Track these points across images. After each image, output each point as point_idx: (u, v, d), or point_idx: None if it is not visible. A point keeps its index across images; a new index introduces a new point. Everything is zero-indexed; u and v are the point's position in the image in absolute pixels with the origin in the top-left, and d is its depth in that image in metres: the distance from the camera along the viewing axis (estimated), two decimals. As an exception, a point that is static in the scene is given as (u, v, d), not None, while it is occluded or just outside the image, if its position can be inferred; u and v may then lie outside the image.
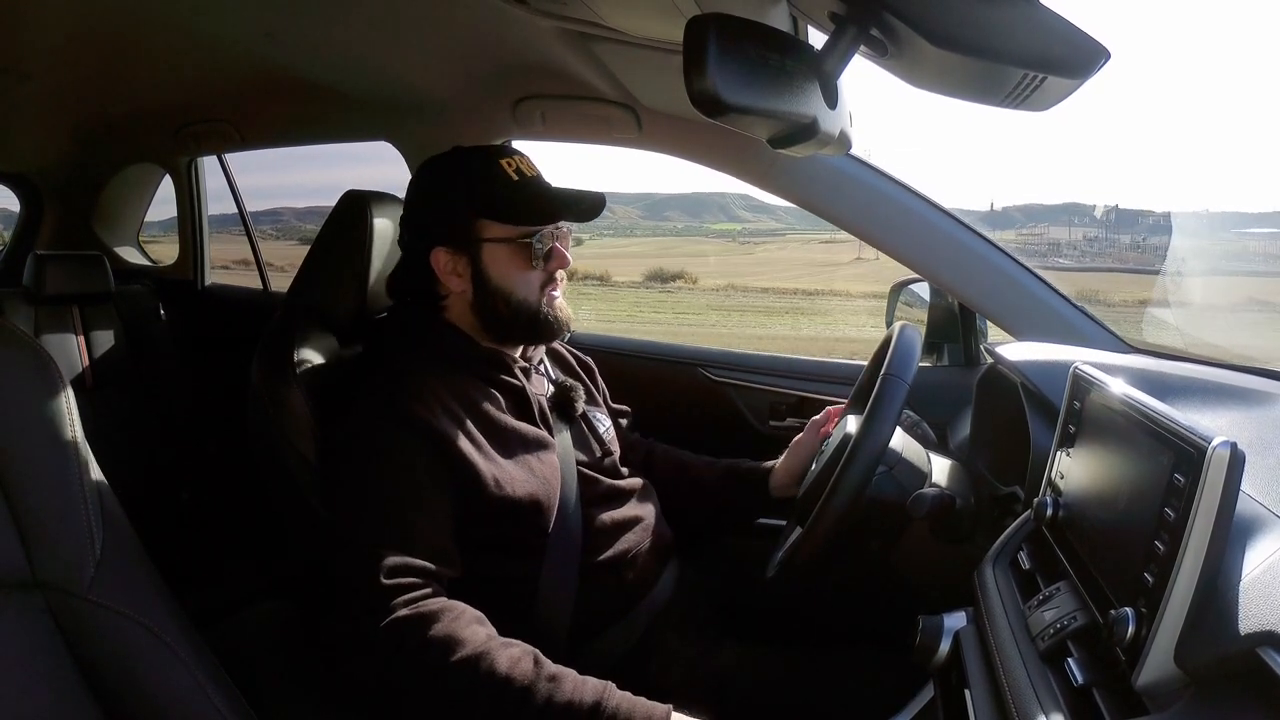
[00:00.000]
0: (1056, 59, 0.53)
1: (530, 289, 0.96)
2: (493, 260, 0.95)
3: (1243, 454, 0.47)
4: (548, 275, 0.97)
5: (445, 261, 0.95)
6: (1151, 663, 0.48)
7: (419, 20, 1.15)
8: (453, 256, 0.95)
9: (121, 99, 1.86)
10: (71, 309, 1.87)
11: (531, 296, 0.96)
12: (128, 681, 0.65)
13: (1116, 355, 1.05)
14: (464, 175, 0.96)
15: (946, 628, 0.73)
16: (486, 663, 0.74)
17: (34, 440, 0.65)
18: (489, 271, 0.95)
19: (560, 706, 0.74)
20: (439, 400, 0.88)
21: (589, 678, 0.77)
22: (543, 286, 0.96)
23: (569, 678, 0.76)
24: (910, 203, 1.21)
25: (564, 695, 0.74)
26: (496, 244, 0.94)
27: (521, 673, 0.75)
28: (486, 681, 0.74)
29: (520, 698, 0.74)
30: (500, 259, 0.95)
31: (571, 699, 0.74)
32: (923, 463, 0.96)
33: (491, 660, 0.75)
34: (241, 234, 2.33)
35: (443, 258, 0.95)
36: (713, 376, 1.48)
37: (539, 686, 0.74)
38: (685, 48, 0.53)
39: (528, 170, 0.97)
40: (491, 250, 0.95)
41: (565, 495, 0.94)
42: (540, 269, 0.96)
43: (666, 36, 0.93)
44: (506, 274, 0.95)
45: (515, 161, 0.96)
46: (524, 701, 0.74)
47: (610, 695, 0.76)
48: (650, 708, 0.76)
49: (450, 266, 0.95)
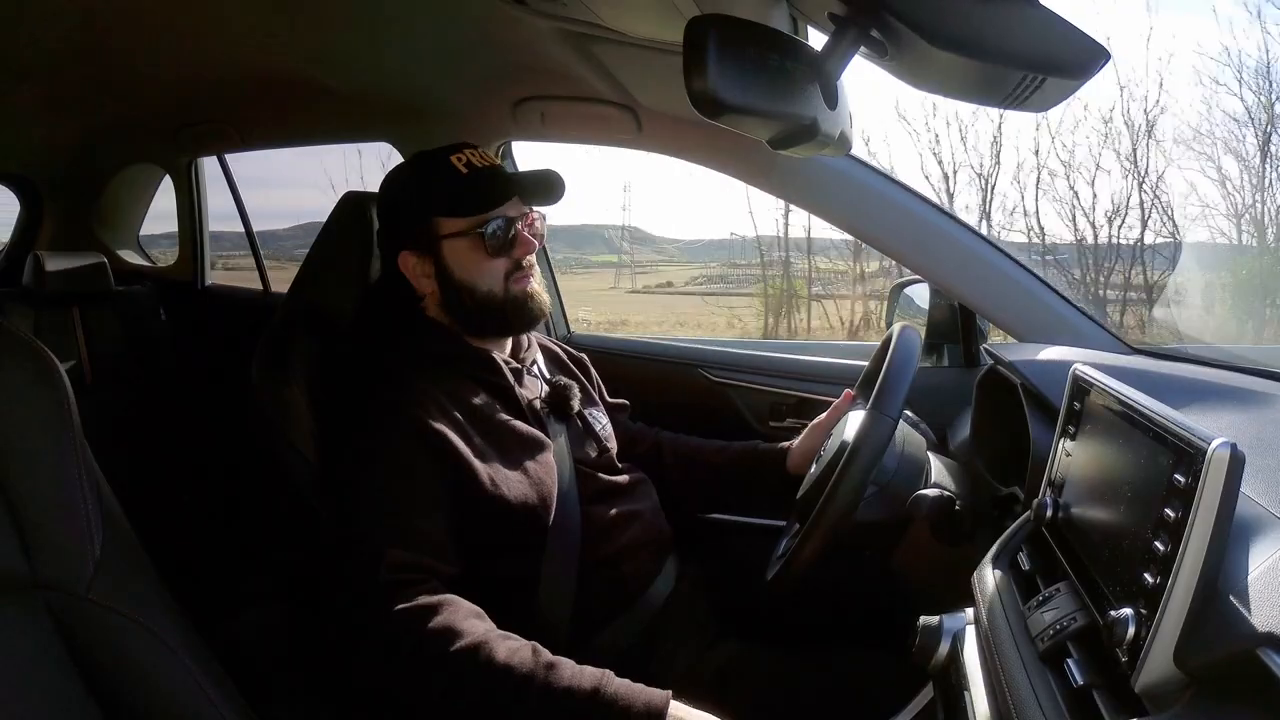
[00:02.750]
0: (1056, 60, 0.53)
1: (494, 279, 0.96)
2: (453, 255, 0.96)
3: (1243, 455, 0.47)
4: (512, 263, 0.97)
5: (413, 264, 0.97)
6: (1151, 664, 0.48)
7: (419, 20, 1.15)
8: (418, 258, 0.97)
9: (121, 99, 1.86)
10: (71, 309, 1.87)
11: (496, 286, 0.96)
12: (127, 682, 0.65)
13: (1116, 356, 1.05)
14: (417, 178, 0.98)
15: (946, 628, 0.73)
16: (485, 653, 0.75)
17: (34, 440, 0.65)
18: (451, 267, 0.96)
19: (559, 693, 0.74)
20: (433, 400, 0.89)
21: (587, 666, 0.77)
22: (508, 275, 0.96)
23: (566, 665, 0.76)
24: (910, 203, 1.21)
25: (562, 682, 0.75)
26: (454, 239, 0.95)
27: (520, 661, 0.75)
28: (485, 671, 0.74)
29: (519, 686, 0.74)
30: (460, 253, 0.96)
31: (570, 685, 0.74)
32: (922, 463, 0.96)
33: (490, 650, 0.75)
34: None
35: (410, 261, 0.97)
36: (712, 377, 1.48)
37: (537, 674, 0.75)
38: (685, 48, 0.53)
39: (479, 161, 0.97)
40: (450, 246, 0.96)
41: (564, 494, 0.95)
42: (503, 257, 0.96)
43: (666, 37, 0.93)
44: (468, 267, 0.96)
45: (466, 155, 0.97)
46: (522, 689, 0.74)
47: (609, 681, 0.76)
48: (650, 694, 0.76)
49: (418, 269, 0.97)
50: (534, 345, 1.08)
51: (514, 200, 0.98)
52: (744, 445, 1.17)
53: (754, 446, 1.16)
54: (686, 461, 1.17)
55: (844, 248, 6.64)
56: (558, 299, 1.70)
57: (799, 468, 1.10)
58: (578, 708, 0.74)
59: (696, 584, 1.07)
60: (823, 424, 1.10)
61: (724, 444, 1.19)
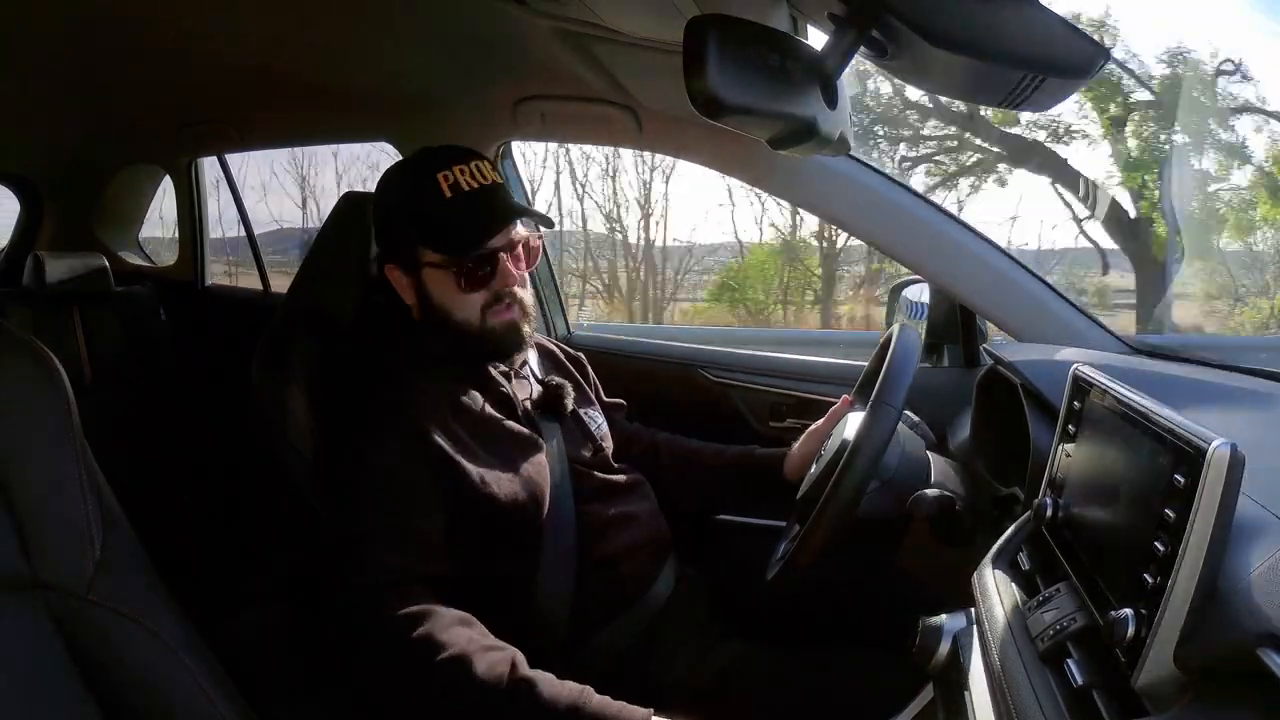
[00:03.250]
0: (1056, 60, 0.53)
1: (469, 311, 0.94)
2: (432, 283, 0.95)
3: (1243, 455, 0.47)
4: (491, 295, 0.94)
5: (398, 278, 0.97)
6: (1151, 664, 0.48)
7: (419, 20, 1.15)
8: (402, 274, 0.96)
9: (121, 99, 1.86)
10: (71, 309, 1.87)
11: (471, 318, 0.94)
12: (127, 682, 0.65)
13: (1116, 356, 1.05)
14: (402, 196, 0.95)
15: (946, 629, 0.73)
16: (464, 666, 0.76)
17: (34, 440, 0.65)
18: (430, 292, 0.95)
19: (538, 711, 0.75)
20: (425, 400, 0.90)
21: (568, 682, 0.78)
22: (485, 308, 0.94)
23: (545, 682, 0.77)
24: (910, 204, 1.21)
25: (540, 700, 0.75)
26: (434, 268, 0.94)
27: (496, 676, 0.76)
28: (464, 684, 0.75)
29: (498, 703, 0.75)
30: (439, 282, 0.94)
31: (547, 702, 0.75)
32: (923, 463, 0.96)
33: (470, 663, 0.76)
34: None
35: (395, 273, 0.97)
36: (712, 377, 1.48)
37: (518, 693, 0.75)
38: (685, 48, 0.53)
39: (466, 183, 0.92)
40: (430, 274, 0.95)
41: (558, 493, 0.95)
42: (480, 290, 0.93)
43: (666, 37, 0.93)
44: (445, 297, 0.94)
45: (454, 174, 0.91)
46: (500, 706, 0.75)
47: (588, 699, 0.76)
48: (630, 711, 0.76)
49: (402, 282, 0.97)
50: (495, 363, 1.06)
51: (503, 231, 0.94)
52: (741, 449, 1.17)
53: (751, 451, 1.16)
54: (684, 463, 1.16)
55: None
56: (558, 299, 1.70)
57: (796, 472, 1.09)
58: None
59: (696, 585, 1.07)
60: (820, 430, 1.10)
61: (721, 447, 1.18)
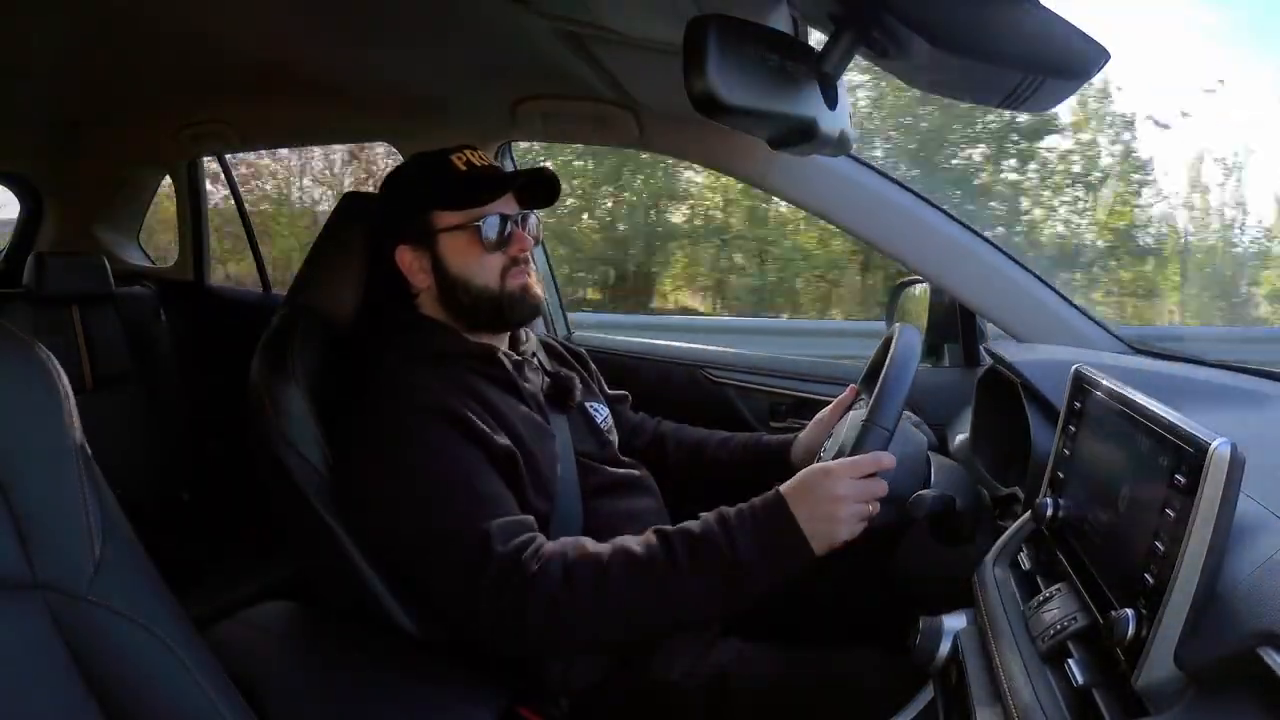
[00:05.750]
0: (1056, 61, 0.53)
1: (489, 274, 0.97)
2: (449, 249, 0.97)
3: (1243, 455, 0.47)
4: (508, 259, 0.97)
5: (409, 259, 0.98)
6: (1152, 663, 0.48)
7: (419, 20, 1.15)
8: (414, 253, 0.98)
9: (121, 99, 1.86)
10: (71, 310, 1.86)
11: (491, 281, 0.97)
12: (127, 682, 0.65)
13: (1116, 356, 1.05)
14: (417, 174, 1.01)
15: (946, 629, 0.73)
16: (623, 555, 0.80)
17: (34, 441, 0.65)
18: (447, 262, 0.97)
19: (698, 543, 0.80)
20: (443, 388, 0.90)
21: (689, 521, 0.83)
22: (504, 271, 0.97)
23: (678, 529, 0.82)
24: (910, 203, 1.21)
25: (692, 534, 0.81)
26: (450, 232, 0.96)
27: (648, 545, 0.81)
28: (634, 570, 0.79)
29: (667, 564, 0.79)
30: (456, 247, 0.97)
31: (700, 534, 0.81)
32: (923, 463, 0.96)
33: (626, 550, 0.81)
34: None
35: (406, 256, 0.98)
36: (712, 377, 1.48)
37: (669, 546, 0.80)
38: (685, 48, 0.53)
39: (478, 161, 0.99)
40: (446, 240, 0.97)
41: (565, 485, 0.95)
42: (498, 253, 0.97)
43: (666, 37, 0.93)
44: (463, 262, 0.97)
45: (466, 155, 0.99)
46: (672, 565, 0.79)
47: (725, 514, 0.82)
48: (762, 500, 0.83)
49: (414, 264, 0.98)
50: (533, 339, 1.10)
51: (509, 199, 0.99)
52: (747, 436, 1.19)
53: (758, 438, 1.18)
54: (690, 452, 1.18)
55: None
56: (557, 298, 1.70)
57: (802, 461, 1.10)
58: (723, 562, 0.79)
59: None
60: (827, 419, 1.11)
61: (727, 435, 1.20)
